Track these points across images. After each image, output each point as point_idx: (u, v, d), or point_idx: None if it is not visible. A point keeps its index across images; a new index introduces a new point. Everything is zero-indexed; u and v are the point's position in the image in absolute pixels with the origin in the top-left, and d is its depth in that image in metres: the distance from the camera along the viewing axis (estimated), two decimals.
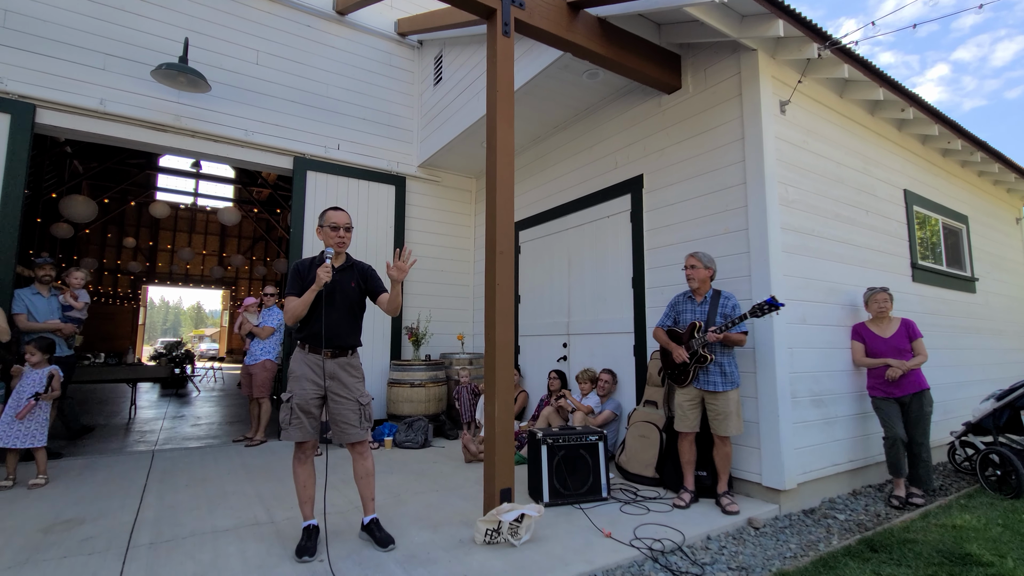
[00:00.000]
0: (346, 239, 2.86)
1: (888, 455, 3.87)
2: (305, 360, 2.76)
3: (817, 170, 4.17)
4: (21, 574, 2.42)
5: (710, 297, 3.58)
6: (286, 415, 2.71)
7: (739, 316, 3.36)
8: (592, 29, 3.85)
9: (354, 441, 2.79)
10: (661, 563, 2.65)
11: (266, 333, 5.57)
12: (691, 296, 3.68)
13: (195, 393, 10.78)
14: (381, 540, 2.73)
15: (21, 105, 4.70)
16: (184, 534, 2.94)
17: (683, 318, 3.67)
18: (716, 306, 3.52)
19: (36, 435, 3.86)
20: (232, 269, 20.40)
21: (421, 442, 5.38)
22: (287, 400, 2.72)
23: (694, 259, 3.62)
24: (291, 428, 2.70)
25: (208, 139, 5.55)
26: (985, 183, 6.66)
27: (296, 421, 2.69)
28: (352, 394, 2.78)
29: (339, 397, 2.76)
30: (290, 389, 2.74)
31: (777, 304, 3.19)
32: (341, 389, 2.77)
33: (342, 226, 2.83)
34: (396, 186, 6.60)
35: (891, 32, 4.45)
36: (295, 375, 2.75)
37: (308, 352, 2.77)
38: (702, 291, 3.63)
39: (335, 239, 2.83)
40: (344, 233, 2.85)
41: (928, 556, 2.76)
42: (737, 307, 3.53)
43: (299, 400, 2.70)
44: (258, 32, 5.92)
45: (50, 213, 11.27)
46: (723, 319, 3.48)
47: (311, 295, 2.66)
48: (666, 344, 3.67)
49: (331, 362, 2.77)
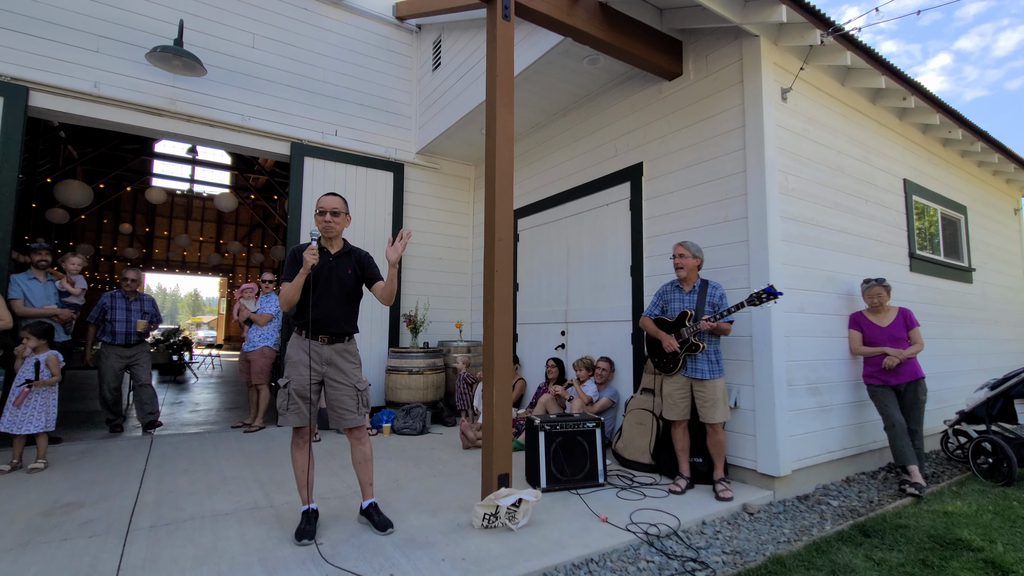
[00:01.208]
0: (332, 223, 2.82)
1: (893, 444, 3.82)
2: (302, 346, 2.76)
3: (817, 158, 4.15)
4: (23, 556, 2.44)
5: (698, 287, 3.59)
6: (283, 400, 2.73)
7: (735, 305, 3.36)
8: (593, 13, 3.80)
9: (352, 426, 2.81)
10: (657, 547, 2.69)
11: (264, 320, 5.56)
12: (679, 285, 3.69)
13: (193, 380, 10.79)
14: (380, 524, 2.76)
15: (14, 87, 4.64)
16: (184, 518, 2.96)
17: (671, 307, 3.69)
18: (704, 295, 3.54)
19: (38, 420, 3.86)
20: (229, 256, 20.30)
21: (419, 429, 5.41)
22: (284, 386, 2.73)
23: (682, 248, 3.63)
24: (288, 413, 2.72)
25: (204, 124, 5.49)
26: (984, 173, 6.65)
27: (294, 407, 2.71)
28: (349, 380, 2.80)
29: (336, 383, 2.77)
30: (287, 375, 2.75)
31: (775, 293, 3.20)
32: (338, 375, 2.78)
33: (328, 210, 2.82)
34: (394, 173, 6.56)
35: (894, 19, 4.42)
36: (292, 361, 2.76)
37: (305, 338, 2.77)
38: (690, 280, 3.64)
39: (321, 224, 2.83)
40: (331, 218, 2.81)
41: (920, 541, 2.80)
42: (724, 297, 3.56)
43: (296, 386, 2.72)
44: (254, 15, 5.83)
45: (45, 199, 11.18)
46: (711, 308, 3.49)
47: (300, 279, 2.66)
48: (655, 333, 3.68)
49: (328, 348, 2.78)
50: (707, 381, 3.45)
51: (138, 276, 5.36)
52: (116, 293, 5.22)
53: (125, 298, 5.20)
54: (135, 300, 5.24)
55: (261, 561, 2.42)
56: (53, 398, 4.00)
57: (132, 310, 5.20)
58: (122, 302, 5.19)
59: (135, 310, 5.22)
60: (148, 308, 5.33)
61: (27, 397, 3.82)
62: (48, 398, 3.96)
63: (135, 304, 5.24)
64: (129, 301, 5.21)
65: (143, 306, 5.29)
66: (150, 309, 5.35)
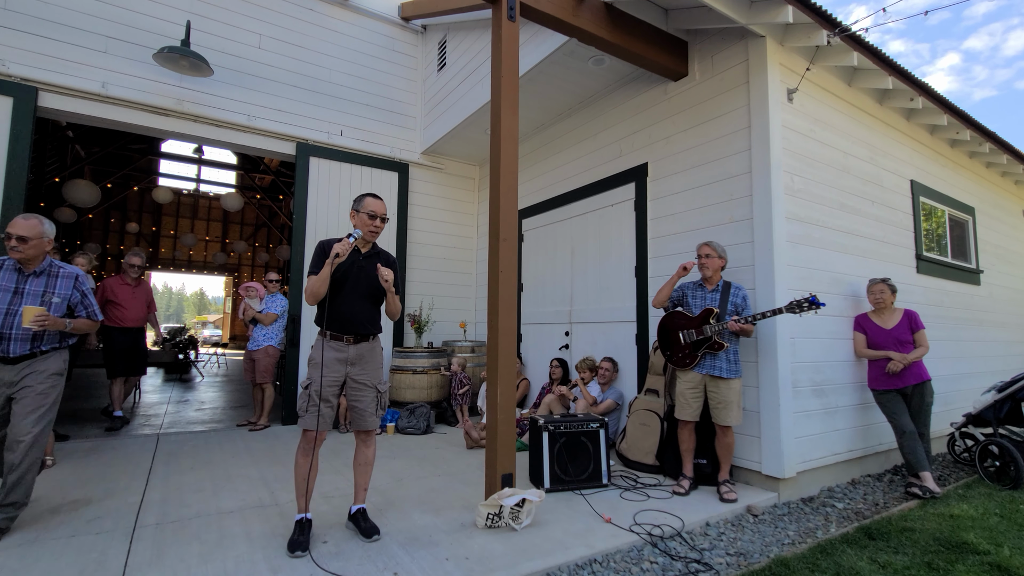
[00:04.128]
0: (380, 229, 2.83)
1: (905, 451, 3.78)
2: (326, 346, 2.71)
3: (823, 159, 4.14)
4: (31, 552, 2.47)
5: (721, 287, 3.57)
6: (303, 402, 2.66)
7: (773, 309, 3.34)
8: (598, 14, 3.80)
9: (368, 428, 2.81)
10: (660, 548, 2.69)
11: (269, 319, 5.59)
12: (701, 284, 3.66)
13: (199, 378, 10.85)
14: (366, 531, 2.69)
15: (24, 88, 4.68)
16: (190, 515, 2.98)
17: (694, 304, 3.63)
18: (728, 296, 3.51)
19: None
20: (235, 255, 20.41)
21: (423, 428, 5.42)
22: (305, 387, 2.68)
23: (708, 247, 3.60)
24: (307, 415, 2.66)
25: (210, 124, 5.53)
26: (993, 174, 6.60)
27: (313, 408, 2.65)
28: (371, 380, 2.78)
29: (358, 383, 2.75)
30: (310, 376, 2.70)
31: (818, 304, 3.17)
32: (361, 375, 2.76)
33: (380, 215, 2.80)
34: (399, 173, 6.57)
35: (902, 19, 4.38)
36: (315, 362, 2.71)
37: (330, 339, 2.73)
38: (714, 280, 3.61)
39: (370, 227, 2.79)
40: (380, 224, 2.81)
41: (925, 544, 2.78)
42: (747, 299, 3.54)
43: (317, 387, 2.66)
44: (260, 15, 5.86)
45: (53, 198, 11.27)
46: (733, 308, 3.48)
47: (328, 270, 2.61)
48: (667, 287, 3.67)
49: (353, 348, 2.75)
50: (723, 380, 3.42)
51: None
52: None
53: (18, 271, 2.79)
54: (35, 276, 2.81)
55: (266, 559, 2.44)
56: None
57: (23, 292, 2.77)
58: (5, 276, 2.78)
59: (30, 292, 2.78)
60: (60, 289, 2.89)
61: None
62: None
63: (31, 281, 2.80)
64: (21, 276, 2.79)
65: (49, 285, 2.86)
66: (64, 291, 2.91)
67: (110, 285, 5.44)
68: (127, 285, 5.47)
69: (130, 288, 5.48)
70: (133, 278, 5.51)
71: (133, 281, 5.52)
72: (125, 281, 5.49)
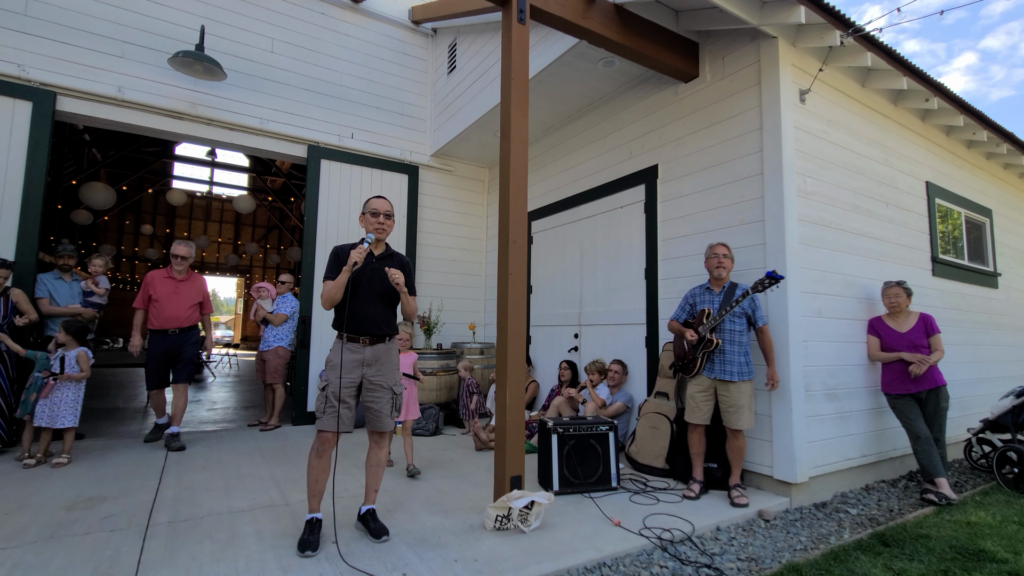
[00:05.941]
0: (386, 225, 2.85)
1: (920, 457, 3.72)
2: (343, 348, 2.73)
3: (836, 161, 4.09)
4: (47, 548, 2.50)
5: (727, 288, 3.56)
6: (321, 404, 2.68)
7: (741, 294, 3.36)
8: (608, 16, 3.80)
9: (384, 430, 2.82)
10: (670, 552, 2.66)
11: (279, 320, 5.64)
12: (709, 287, 3.65)
13: (211, 379, 10.97)
14: (375, 531, 2.71)
15: (42, 92, 4.77)
16: (202, 514, 3.01)
17: (698, 309, 3.65)
18: (731, 296, 3.50)
19: (70, 415, 3.97)
20: (247, 257, 20.65)
21: (432, 430, 5.43)
22: (322, 389, 2.69)
23: (725, 248, 3.60)
24: (324, 417, 2.66)
25: (224, 127, 5.60)
26: (1011, 176, 6.49)
27: (330, 410, 2.65)
28: (388, 382, 2.79)
29: (374, 384, 2.76)
30: (326, 378, 2.72)
31: (777, 277, 3.19)
32: (377, 376, 2.76)
33: (382, 212, 2.83)
34: (409, 175, 6.60)
35: (917, 19, 4.33)
36: (332, 364, 2.72)
37: (347, 341, 2.75)
38: (722, 282, 3.60)
39: (374, 224, 2.82)
40: (384, 219, 2.84)
41: (941, 552, 2.73)
42: (756, 299, 3.52)
43: (334, 388, 2.67)
44: (273, 20, 5.93)
45: (70, 200, 11.48)
46: (741, 310, 3.47)
47: (344, 276, 2.66)
48: (679, 331, 3.66)
49: (369, 349, 2.76)
50: (734, 383, 3.40)
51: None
52: None
53: None
54: None
55: (276, 558, 2.45)
56: (81, 394, 4.10)
57: None
58: None
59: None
60: None
61: (53, 390, 3.93)
62: (78, 394, 4.07)
63: None
64: None
65: None
66: None
67: (152, 278, 4.70)
68: (170, 279, 4.69)
69: (172, 283, 4.69)
70: (178, 271, 4.72)
71: (178, 275, 4.73)
72: (169, 274, 4.70)
